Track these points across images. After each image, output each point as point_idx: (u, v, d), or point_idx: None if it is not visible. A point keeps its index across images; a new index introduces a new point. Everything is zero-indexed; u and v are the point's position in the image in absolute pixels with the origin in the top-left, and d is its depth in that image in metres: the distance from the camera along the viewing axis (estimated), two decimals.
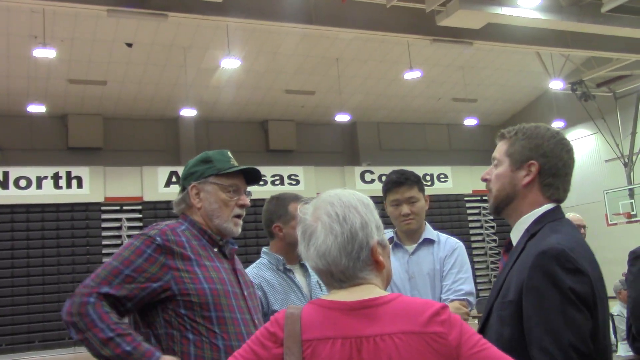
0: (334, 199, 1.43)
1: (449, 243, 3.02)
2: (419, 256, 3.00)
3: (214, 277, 1.99)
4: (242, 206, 2.16)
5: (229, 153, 2.22)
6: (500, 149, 1.85)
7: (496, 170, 1.84)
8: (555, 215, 1.77)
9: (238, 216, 2.16)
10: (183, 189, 2.17)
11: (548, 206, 1.78)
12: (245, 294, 2.10)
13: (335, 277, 1.39)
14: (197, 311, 1.92)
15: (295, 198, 2.80)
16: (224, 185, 2.13)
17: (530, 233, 1.73)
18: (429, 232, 3.06)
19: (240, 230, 2.17)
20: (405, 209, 2.95)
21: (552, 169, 1.77)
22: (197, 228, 2.09)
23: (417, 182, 2.99)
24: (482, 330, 1.74)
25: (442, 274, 2.94)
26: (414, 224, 2.99)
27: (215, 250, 2.10)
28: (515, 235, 1.80)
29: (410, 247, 3.03)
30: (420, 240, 3.02)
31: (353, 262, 1.38)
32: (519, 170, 1.79)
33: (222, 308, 1.96)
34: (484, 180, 1.90)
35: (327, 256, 1.37)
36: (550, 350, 1.53)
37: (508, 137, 1.85)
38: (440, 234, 3.09)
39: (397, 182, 2.96)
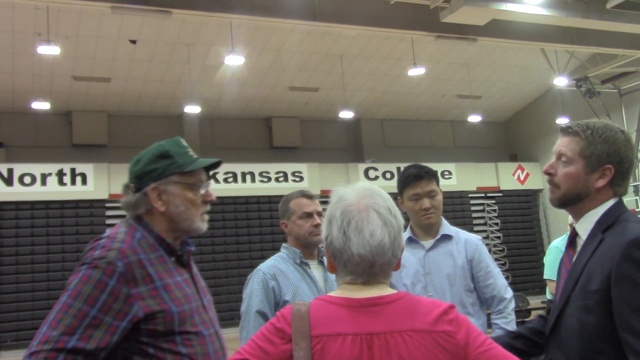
0: (383, 194, 1.44)
1: (469, 242, 3.01)
2: (437, 253, 2.98)
3: (179, 297, 1.78)
4: (208, 202, 1.93)
5: (183, 140, 2.00)
6: (571, 147, 1.80)
7: (566, 169, 1.81)
8: (622, 208, 1.81)
9: (204, 212, 1.93)
10: (136, 189, 1.87)
11: (614, 200, 1.81)
12: (205, 303, 1.91)
13: (375, 269, 1.38)
14: (162, 337, 1.72)
15: (299, 193, 2.94)
16: (188, 184, 1.87)
17: (604, 225, 1.76)
18: (446, 227, 3.05)
19: (207, 225, 1.95)
20: (427, 202, 2.95)
21: (625, 173, 1.80)
22: (153, 236, 1.83)
23: (435, 175, 3.02)
24: (558, 319, 1.75)
25: (472, 272, 2.95)
26: (434, 218, 2.98)
27: (172, 259, 1.86)
28: (584, 228, 1.81)
29: (427, 243, 3.01)
30: (438, 236, 3.01)
31: (394, 258, 1.40)
32: (593, 172, 1.78)
33: (187, 330, 1.76)
34: (548, 173, 1.86)
35: (379, 247, 1.37)
36: None
37: (583, 136, 1.79)
38: (458, 230, 3.08)
39: (417, 176, 2.96)
